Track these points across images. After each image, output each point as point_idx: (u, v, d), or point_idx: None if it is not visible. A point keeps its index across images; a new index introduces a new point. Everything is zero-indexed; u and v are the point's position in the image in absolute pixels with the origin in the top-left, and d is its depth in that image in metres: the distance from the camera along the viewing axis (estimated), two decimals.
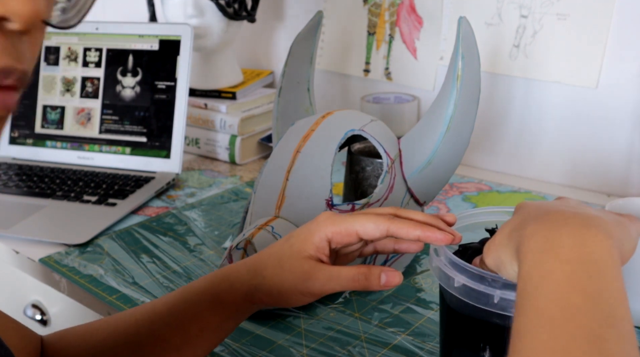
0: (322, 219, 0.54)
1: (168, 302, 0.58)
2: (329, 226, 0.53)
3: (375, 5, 1.17)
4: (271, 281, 0.53)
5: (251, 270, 0.55)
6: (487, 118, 1.07)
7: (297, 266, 0.52)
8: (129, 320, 0.59)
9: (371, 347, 0.64)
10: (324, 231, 0.53)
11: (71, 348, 0.59)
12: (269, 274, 0.53)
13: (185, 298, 0.57)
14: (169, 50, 1.10)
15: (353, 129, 0.73)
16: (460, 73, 0.74)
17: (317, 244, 0.52)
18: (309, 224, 0.54)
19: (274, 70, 1.36)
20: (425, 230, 0.51)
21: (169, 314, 0.57)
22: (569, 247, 0.41)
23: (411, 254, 0.77)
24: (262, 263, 0.54)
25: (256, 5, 1.23)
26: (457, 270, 0.50)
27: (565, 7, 0.97)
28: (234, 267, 0.57)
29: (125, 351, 0.57)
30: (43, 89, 1.17)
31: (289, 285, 0.52)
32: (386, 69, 1.18)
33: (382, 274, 0.51)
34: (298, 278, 0.52)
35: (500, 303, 0.47)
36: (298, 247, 0.53)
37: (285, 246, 0.54)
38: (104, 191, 1.02)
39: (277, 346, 0.65)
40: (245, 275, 0.55)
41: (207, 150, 1.21)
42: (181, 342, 0.57)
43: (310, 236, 0.53)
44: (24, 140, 1.18)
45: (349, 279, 0.51)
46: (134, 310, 0.60)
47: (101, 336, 0.58)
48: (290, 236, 0.55)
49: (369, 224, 0.52)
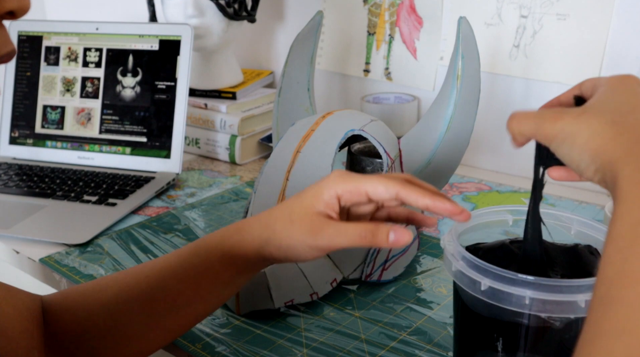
0: (333, 177, 0.54)
1: (180, 257, 0.58)
2: (340, 184, 0.53)
3: (375, 5, 1.17)
4: (281, 234, 0.53)
5: (262, 224, 0.55)
6: (487, 118, 1.07)
7: (306, 221, 0.52)
8: (139, 276, 0.59)
9: (371, 347, 0.64)
10: (334, 188, 0.53)
11: (78, 306, 0.59)
12: (279, 227, 0.54)
13: (198, 252, 0.58)
14: (169, 50, 1.10)
15: (353, 129, 0.73)
16: (460, 73, 0.74)
17: (327, 200, 0.53)
18: (319, 181, 0.55)
19: (274, 70, 1.37)
20: (435, 199, 0.50)
21: (181, 268, 0.57)
22: None
23: (411, 254, 0.77)
24: (273, 217, 0.55)
25: (256, 5, 1.23)
26: (482, 273, 0.49)
27: (565, 7, 0.97)
28: (245, 221, 0.57)
29: (137, 307, 0.58)
30: (43, 89, 1.17)
31: (298, 239, 0.53)
32: (386, 69, 1.18)
33: (390, 232, 0.50)
34: (307, 232, 0.52)
35: (530, 304, 0.47)
36: (308, 202, 0.53)
37: (295, 201, 0.55)
38: (104, 190, 1.02)
39: (277, 346, 0.65)
40: (257, 229, 0.55)
41: (207, 150, 1.21)
42: (193, 296, 0.57)
43: (320, 192, 0.53)
44: (24, 141, 1.18)
45: (355, 235, 0.51)
46: (143, 266, 0.60)
47: (111, 292, 0.58)
48: (301, 193, 0.55)
49: (380, 186, 0.52)
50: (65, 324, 0.58)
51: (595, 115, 0.43)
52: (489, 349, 0.52)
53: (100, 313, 0.58)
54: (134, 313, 0.57)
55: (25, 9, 0.41)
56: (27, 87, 1.18)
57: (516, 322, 0.49)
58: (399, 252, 0.75)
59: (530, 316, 0.48)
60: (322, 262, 0.71)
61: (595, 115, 0.43)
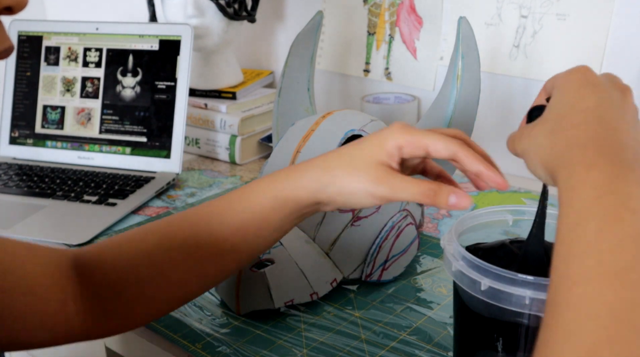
0: (395, 128, 0.54)
1: (227, 202, 0.58)
2: (402, 135, 0.53)
3: (375, 5, 1.17)
4: (342, 180, 0.54)
5: (320, 168, 0.55)
6: (487, 118, 1.07)
7: (370, 168, 0.53)
8: (183, 223, 0.59)
9: (371, 347, 0.64)
10: (396, 138, 0.53)
11: (117, 257, 0.59)
12: (339, 173, 0.54)
13: (247, 196, 0.58)
14: (169, 50, 1.10)
15: (353, 129, 0.73)
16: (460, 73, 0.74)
17: (389, 151, 0.53)
18: (381, 131, 0.55)
19: (274, 70, 1.37)
20: (488, 168, 0.51)
21: (228, 213, 0.58)
22: (636, 195, 0.36)
23: (411, 254, 0.77)
24: (332, 163, 0.55)
25: (256, 5, 1.23)
26: (482, 273, 0.49)
27: (565, 7, 0.97)
28: (296, 166, 0.57)
29: (180, 254, 0.58)
30: (43, 89, 1.17)
31: (361, 186, 0.53)
32: (386, 69, 1.18)
33: (452, 194, 0.50)
34: (371, 180, 0.52)
35: (531, 304, 0.47)
36: (370, 151, 0.53)
37: (355, 149, 0.55)
38: (104, 190, 1.02)
39: (277, 346, 0.65)
40: (314, 173, 0.55)
41: (207, 150, 1.21)
42: (239, 242, 0.58)
43: (383, 142, 0.53)
44: (24, 141, 1.18)
45: (418, 192, 0.51)
46: (185, 213, 0.60)
47: (153, 241, 0.59)
48: (361, 141, 0.55)
49: (439, 143, 0.52)
50: (104, 275, 0.58)
51: (539, 128, 0.46)
52: (489, 349, 0.52)
53: (142, 262, 0.58)
54: (177, 260, 0.58)
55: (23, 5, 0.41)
56: (27, 87, 1.18)
57: (516, 323, 0.49)
58: (399, 252, 0.75)
59: (530, 316, 0.48)
60: (322, 262, 0.71)
61: (539, 128, 0.46)
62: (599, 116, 0.43)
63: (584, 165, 0.40)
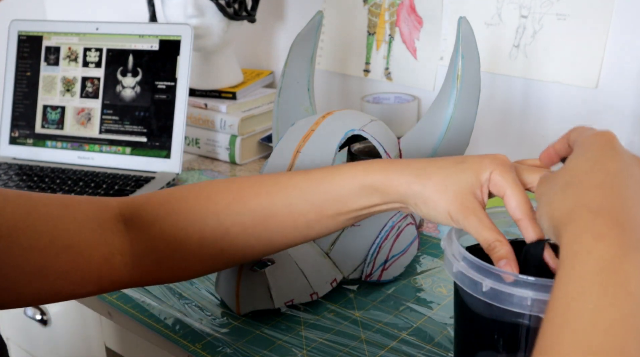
0: (500, 159, 0.53)
1: (309, 180, 0.58)
2: (503, 173, 0.52)
3: (375, 5, 1.17)
4: (432, 195, 0.53)
5: (414, 174, 0.55)
6: (487, 118, 1.07)
7: (461, 196, 0.52)
8: (259, 190, 0.59)
9: (371, 348, 0.64)
10: (495, 171, 0.52)
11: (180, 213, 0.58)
12: (430, 188, 0.53)
13: (332, 178, 0.58)
14: (169, 50, 1.10)
15: (353, 129, 0.73)
16: (460, 73, 0.74)
17: (483, 182, 0.52)
18: (482, 157, 0.54)
19: (274, 70, 1.37)
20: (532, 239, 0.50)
21: (310, 190, 0.57)
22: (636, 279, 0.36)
23: (411, 254, 0.77)
24: (427, 172, 0.54)
25: (256, 5, 1.23)
26: (483, 274, 0.49)
27: (565, 7, 0.97)
28: (391, 162, 0.57)
29: (250, 220, 0.58)
30: (43, 89, 1.17)
31: (446, 206, 0.53)
32: (386, 69, 1.18)
33: (503, 259, 0.49)
34: (457, 208, 0.52)
35: (532, 305, 0.47)
36: (467, 176, 0.53)
37: (456, 167, 0.54)
38: (104, 191, 1.02)
39: (277, 346, 0.65)
40: (407, 176, 0.55)
41: (207, 150, 1.21)
42: (315, 219, 0.58)
43: (479, 175, 0.53)
44: (24, 141, 1.18)
45: (485, 238, 0.51)
46: (261, 179, 0.60)
47: (223, 202, 0.58)
48: (462, 160, 0.54)
49: (514, 200, 0.51)
50: (163, 231, 0.58)
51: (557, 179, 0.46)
52: (490, 350, 0.52)
53: (207, 221, 0.58)
54: (246, 225, 0.58)
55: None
56: (27, 87, 1.18)
57: (517, 323, 0.49)
58: (399, 252, 0.75)
59: (531, 317, 0.48)
60: (322, 262, 0.71)
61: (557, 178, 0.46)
62: (618, 184, 0.42)
63: (592, 233, 0.39)
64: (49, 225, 0.54)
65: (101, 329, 0.80)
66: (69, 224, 0.56)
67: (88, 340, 0.86)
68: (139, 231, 0.58)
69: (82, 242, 0.55)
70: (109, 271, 0.57)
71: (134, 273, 0.58)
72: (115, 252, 0.57)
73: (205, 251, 0.58)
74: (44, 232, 0.54)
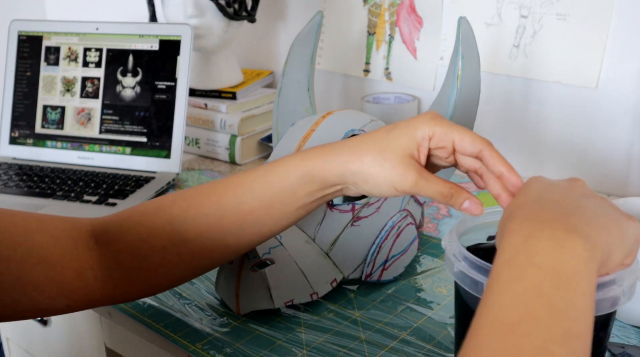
0: (428, 117, 0.55)
1: (256, 175, 0.59)
2: (434, 126, 0.54)
3: (375, 5, 1.17)
4: (370, 169, 0.54)
5: (350, 152, 0.56)
6: (487, 118, 1.07)
7: (399, 161, 0.54)
8: (210, 193, 0.60)
9: (371, 347, 0.64)
10: (426, 129, 0.54)
11: (141, 225, 0.60)
12: (368, 161, 0.55)
13: (275, 170, 0.59)
14: (169, 50, 1.10)
15: (353, 129, 0.73)
16: (460, 73, 0.74)
17: (419, 142, 0.54)
18: (412, 119, 0.55)
19: (274, 70, 1.37)
20: (510, 170, 0.53)
21: (256, 185, 0.59)
22: (544, 253, 0.41)
23: (411, 254, 0.77)
24: (362, 149, 0.56)
25: (256, 5, 1.23)
26: (484, 274, 0.49)
27: (565, 7, 0.97)
28: (328, 146, 0.58)
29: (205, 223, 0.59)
30: (43, 89, 1.17)
31: (386, 176, 0.54)
32: (386, 69, 1.18)
33: (466, 200, 0.52)
34: (397, 173, 0.54)
35: None
36: (400, 141, 0.54)
37: (388, 137, 0.55)
38: (104, 190, 1.02)
39: (277, 346, 0.65)
40: (344, 155, 0.56)
41: (207, 150, 1.21)
42: (263, 216, 0.59)
43: (414, 132, 0.54)
44: (24, 141, 1.18)
45: (438, 191, 0.53)
46: (213, 184, 0.61)
47: (179, 209, 0.60)
48: (393, 128, 0.56)
49: (467, 137, 0.53)
50: (127, 242, 0.60)
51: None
52: None
53: (166, 229, 0.59)
54: (201, 229, 0.59)
55: None
56: (27, 87, 1.18)
57: None
58: (399, 252, 0.75)
59: None
60: (322, 262, 0.71)
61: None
62: (538, 195, 0.47)
63: (507, 232, 0.43)
64: (25, 237, 0.56)
65: (101, 329, 0.80)
66: (45, 238, 0.57)
67: (88, 340, 0.86)
68: (107, 245, 0.60)
69: (56, 255, 0.57)
70: (81, 285, 0.58)
71: (105, 287, 0.59)
72: (87, 267, 0.58)
73: (169, 259, 0.60)
74: (21, 244, 0.55)
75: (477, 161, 0.55)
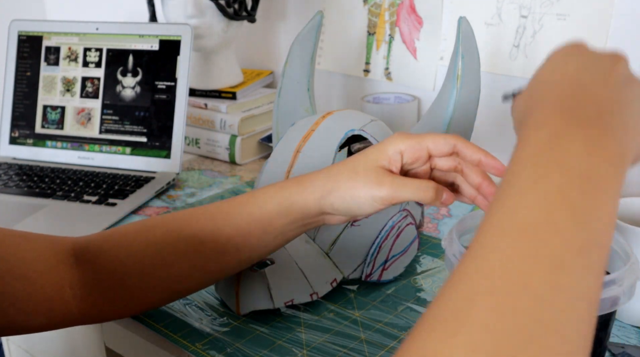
0: (396, 136, 0.57)
1: (234, 204, 0.60)
2: (403, 140, 0.56)
3: (375, 5, 1.17)
4: (345, 185, 0.56)
5: (325, 176, 0.58)
6: (487, 118, 1.07)
7: (371, 173, 0.56)
8: (190, 219, 0.61)
9: (371, 347, 0.64)
10: (397, 144, 0.56)
11: (121, 246, 0.60)
12: (343, 179, 0.57)
13: (254, 200, 0.60)
14: (169, 50, 1.10)
15: (353, 129, 0.73)
16: (460, 73, 0.74)
17: (391, 156, 0.56)
18: (383, 140, 0.58)
19: (274, 70, 1.37)
20: (487, 155, 0.55)
21: (234, 214, 0.60)
22: (575, 155, 0.36)
23: (411, 254, 0.77)
24: (336, 171, 0.58)
25: (256, 5, 1.23)
26: None
27: (565, 7, 0.97)
28: (305, 175, 0.60)
29: (184, 248, 0.60)
30: (43, 89, 1.17)
31: (363, 190, 0.56)
32: (386, 69, 1.18)
33: (444, 193, 0.55)
34: (371, 184, 0.55)
35: None
36: (372, 157, 0.57)
37: (360, 157, 0.58)
38: (104, 190, 1.02)
39: (277, 346, 0.65)
40: (320, 180, 0.58)
41: (207, 150, 1.21)
42: (242, 243, 0.60)
43: (384, 148, 0.57)
44: (24, 141, 1.18)
45: (418, 189, 0.55)
46: (193, 210, 0.62)
47: (159, 233, 0.61)
48: (365, 150, 0.58)
49: (439, 138, 0.55)
50: (107, 263, 0.60)
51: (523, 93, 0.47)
52: None
53: (146, 253, 0.60)
54: (181, 254, 0.59)
55: None
56: (27, 87, 1.18)
57: None
58: (399, 252, 0.75)
59: None
60: (322, 262, 0.71)
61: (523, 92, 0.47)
62: (574, 78, 0.42)
63: (535, 124, 0.39)
64: (8, 252, 0.56)
65: (101, 329, 0.80)
66: (27, 254, 0.57)
67: (88, 340, 0.86)
68: (86, 263, 0.60)
69: (36, 272, 0.57)
70: (59, 303, 0.58)
71: (84, 306, 0.59)
72: (66, 285, 0.58)
73: (148, 282, 0.60)
74: (2, 258, 0.55)
75: (454, 159, 0.56)
